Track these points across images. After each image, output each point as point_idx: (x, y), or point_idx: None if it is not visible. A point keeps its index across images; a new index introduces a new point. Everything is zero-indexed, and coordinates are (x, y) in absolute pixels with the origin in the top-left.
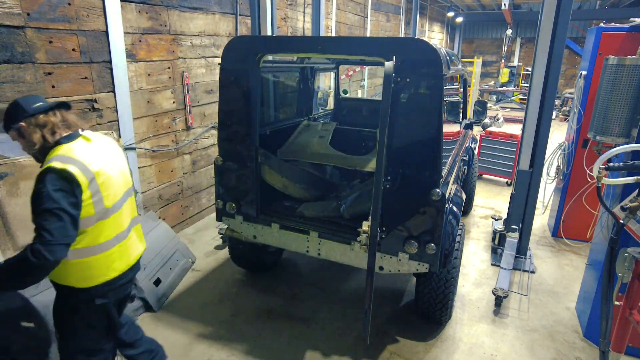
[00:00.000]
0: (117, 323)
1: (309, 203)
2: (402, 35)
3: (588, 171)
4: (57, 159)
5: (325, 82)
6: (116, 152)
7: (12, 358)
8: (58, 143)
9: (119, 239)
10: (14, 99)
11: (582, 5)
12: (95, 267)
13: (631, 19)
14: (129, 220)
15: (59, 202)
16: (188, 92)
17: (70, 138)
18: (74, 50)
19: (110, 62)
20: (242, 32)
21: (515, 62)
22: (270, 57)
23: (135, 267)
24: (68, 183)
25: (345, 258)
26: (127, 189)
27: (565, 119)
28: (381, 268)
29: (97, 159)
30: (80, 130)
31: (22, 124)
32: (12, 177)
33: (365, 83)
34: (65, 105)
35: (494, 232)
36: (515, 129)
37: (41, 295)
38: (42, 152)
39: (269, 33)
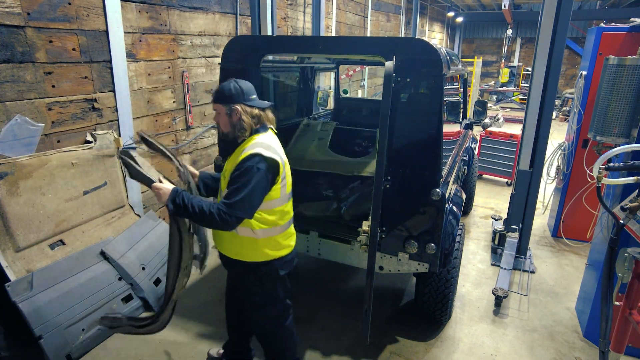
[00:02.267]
0: (289, 291)
1: (309, 203)
2: (403, 35)
3: (588, 171)
4: (261, 146)
5: (325, 81)
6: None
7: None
8: (257, 132)
9: (291, 221)
10: (234, 80)
11: (582, 5)
12: (280, 244)
13: (631, 19)
14: (291, 205)
15: (259, 183)
16: (188, 92)
17: (264, 129)
18: (74, 49)
19: (110, 61)
20: (242, 32)
21: (516, 62)
22: (270, 57)
23: (296, 247)
24: (272, 171)
25: (345, 258)
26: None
27: (565, 119)
28: (381, 268)
29: (281, 150)
30: (269, 124)
31: (237, 107)
32: (12, 176)
33: (366, 83)
34: (272, 107)
35: (494, 232)
36: (516, 129)
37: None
38: (240, 134)
39: (269, 33)
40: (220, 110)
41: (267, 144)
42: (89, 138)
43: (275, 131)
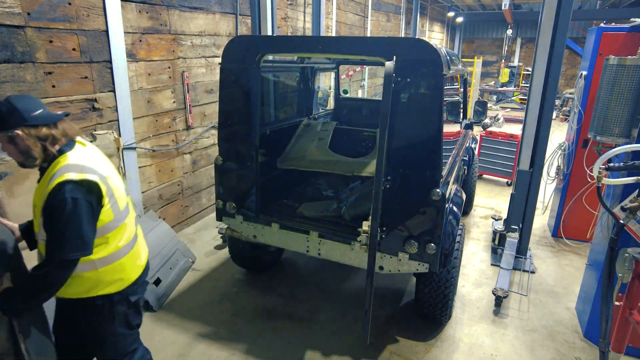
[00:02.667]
0: (137, 327)
1: (309, 203)
2: (403, 35)
3: (588, 171)
4: (70, 169)
5: (325, 82)
6: (104, 156)
7: None
8: (61, 152)
9: (135, 239)
10: (7, 98)
11: (582, 5)
12: (125, 269)
13: (631, 19)
14: (134, 219)
15: (81, 215)
16: (188, 92)
17: (70, 145)
18: (74, 49)
19: (110, 61)
20: (242, 32)
21: (516, 62)
22: (270, 57)
23: (146, 272)
24: (93, 193)
25: (346, 258)
26: (125, 190)
27: (565, 119)
28: (381, 268)
29: (100, 162)
30: (74, 137)
31: (19, 132)
32: (12, 177)
33: (366, 83)
34: (66, 116)
35: (494, 232)
36: (516, 129)
37: None
38: (31, 164)
39: (269, 33)
40: (2, 140)
41: (76, 163)
42: (89, 138)
43: (84, 143)
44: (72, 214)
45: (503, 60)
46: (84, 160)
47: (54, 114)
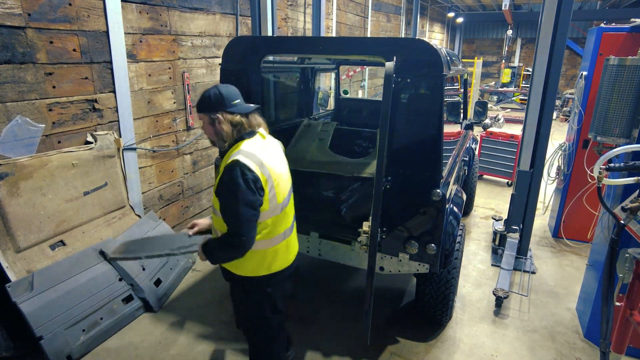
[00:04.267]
0: (282, 313)
1: (309, 204)
2: (403, 36)
3: (589, 172)
4: (242, 153)
5: (325, 82)
6: (281, 152)
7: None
8: (242, 138)
9: (286, 235)
10: (216, 86)
11: (582, 5)
12: (267, 259)
13: (632, 20)
14: (292, 218)
15: (245, 199)
16: (189, 93)
17: (251, 134)
18: (74, 50)
19: (110, 62)
20: (242, 33)
21: (516, 62)
22: (270, 58)
23: (294, 263)
24: (253, 180)
25: (346, 258)
26: (290, 187)
27: (565, 120)
28: (382, 268)
29: (271, 156)
30: (257, 128)
31: (219, 115)
32: (12, 177)
33: (366, 83)
34: (259, 109)
35: (495, 233)
36: (516, 130)
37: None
38: (229, 144)
39: (270, 33)
40: (204, 120)
41: (248, 151)
42: (90, 139)
43: (265, 135)
44: (236, 200)
45: (503, 61)
46: (256, 149)
47: (247, 106)
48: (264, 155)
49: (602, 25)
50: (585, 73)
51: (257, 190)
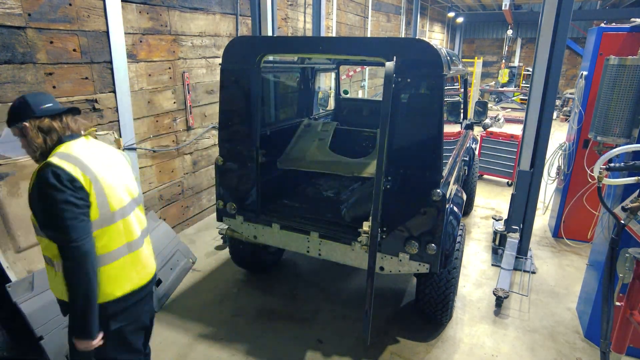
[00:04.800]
0: (139, 352)
1: (309, 203)
2: (403, 36)
3: (589, 171)
4: (57, 155)
5: (325, 82)
6: (123, 162)
7: None
8: (60, 142)
9: (131, 248)
10: (23, 95)
11: (582, 5)
12: (116, 278)
13: (632, 20)
14: (140, 231)
15: (63, 195)
16: (189, 93)
17: (72, 137)
18: (74, 50)
19: (111, 62)
20: (242, 33)
21: (516, 62)
22: (270, 58)
23: (150, 285)
24: (68, 179)
25: (346, 258)
26: (134, 197)
27: (566, 120)
28: (382, 268)
29: (100, 161)
30: (81, 131)
31: (26, 124)
32: (12, 177)
33: (366, 83)
34: (75, 111)
35: (495, 233)
36: (516, 130)
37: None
38: (43, 155)
39: (270, 33)
40: (15, 134)
41: (65, 152)
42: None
43: (89, 137)
44: (47, 196)
45: (503, 61)
46: (76, 151)
47: (59, 107)
48: (89, 158)
49: (602, 25)
50: (585, 73)
51: (76, 189)
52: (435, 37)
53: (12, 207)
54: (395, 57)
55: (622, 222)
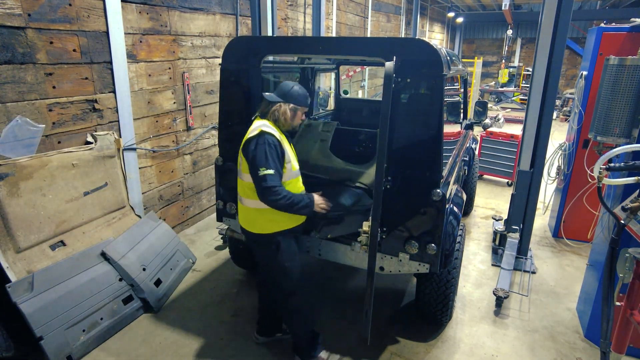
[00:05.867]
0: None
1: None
2: (403, 36)
3: (589, 171)
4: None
5: (325, 82)
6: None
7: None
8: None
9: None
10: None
11: (582, 5)
12: (287, 216)
13: (632, 19)
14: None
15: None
16: (189, 93)
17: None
18: (74, 50)
19: (110, 62)
20: (242, 33)
21: (516, 62)
22: (270, 58)
23: (304, 222)
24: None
25: (346, 258)
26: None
27: (565, 120)
28: (382, 268)
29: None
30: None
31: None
32: (12, 177)
33: (366, 83)
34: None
35: (495, 233)
36: (516, 130)
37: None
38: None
39: (270, 33)
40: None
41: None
42: (90, 139)
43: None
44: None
45: (503, 61)
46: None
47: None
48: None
49: (602, 25)
50: (585, 73)
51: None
52: (435, 37)
53: (12, 207)
54: (395, 57)
55: (622, 222)
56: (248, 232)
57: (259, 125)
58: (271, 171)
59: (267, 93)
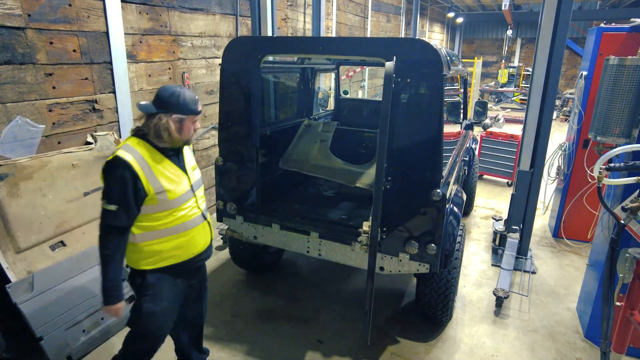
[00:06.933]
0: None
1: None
2: (403, 36)
3: (589, 172)
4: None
5: (325, 82)
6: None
7: None
8: None
9: (182, 229)
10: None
11: (582, 5)
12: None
13: (631, 20)
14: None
15: None
16: None
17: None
18: (74, 51)
19: (110, 62)
20: (242, 33)
21: (516, 62)
22: (270, 58)
23: (192, 260)
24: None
25: (346, 258)
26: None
27: (565, 120)
28: (382, 268)
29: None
30: None
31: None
32: (12, 177)
33: (366, 84)
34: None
35: (495, 233)
36: (516, 130)
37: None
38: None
39: (270, 34)
40: None
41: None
42: (90, 139)
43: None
44: None
45: (503, 61)
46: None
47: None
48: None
49: (602, 25)
50: (585, 73)
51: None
52: (435, 37)
53: (12, 207)
54: (395, 57)
55: (622, 222)
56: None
57: (123, 146)
58: (113, 207)
59: (141, 102)
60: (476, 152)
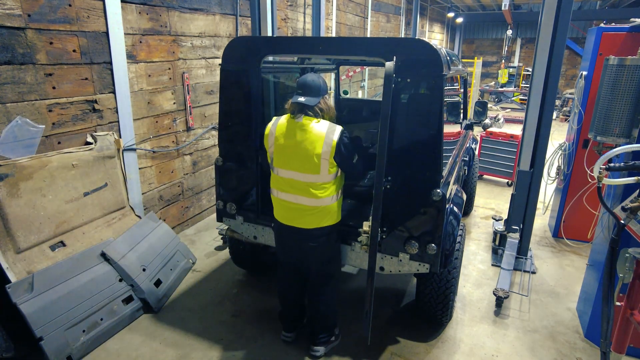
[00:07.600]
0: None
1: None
2: (403, 36)
3: (589, 171)
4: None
5: None
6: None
7: None
8: None
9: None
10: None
11: (582, 5)
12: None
13: (631, 19)
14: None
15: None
16: (188, 93)
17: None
18: (74, 51)
19: (110, 63)
20: (242, 33)
21: (516, 62)
22: (270, 58)
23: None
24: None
25: (346, 258)
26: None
27: (565, 120)
28: (382, 268)
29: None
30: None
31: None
32: (12, 178)
33: (366, 84)
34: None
35: (495, 233)
36: (516, 130)
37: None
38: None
39: (269, 34)
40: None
41: None
42: (90, 139)
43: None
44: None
45: (503, 61)
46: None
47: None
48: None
49: (602, 25)
50: (585, 73)
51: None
52: (435, 37)
53: (11, 207)
54: (395, 57)
55: (622, 222)
56: (298, 229)
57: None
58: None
59: (302, 98)
60: (476, 152)
